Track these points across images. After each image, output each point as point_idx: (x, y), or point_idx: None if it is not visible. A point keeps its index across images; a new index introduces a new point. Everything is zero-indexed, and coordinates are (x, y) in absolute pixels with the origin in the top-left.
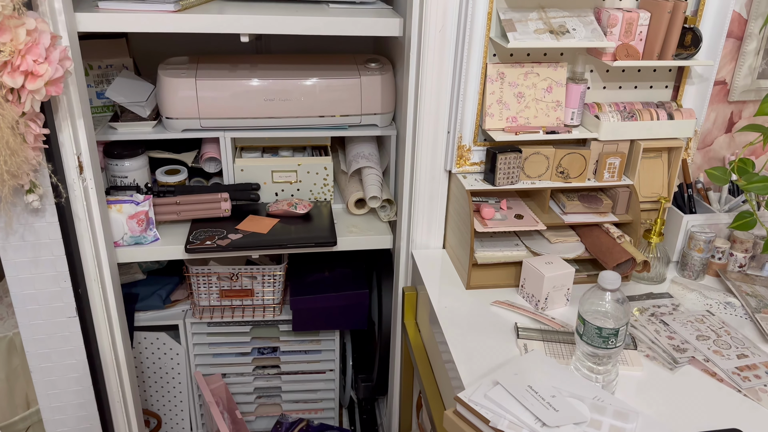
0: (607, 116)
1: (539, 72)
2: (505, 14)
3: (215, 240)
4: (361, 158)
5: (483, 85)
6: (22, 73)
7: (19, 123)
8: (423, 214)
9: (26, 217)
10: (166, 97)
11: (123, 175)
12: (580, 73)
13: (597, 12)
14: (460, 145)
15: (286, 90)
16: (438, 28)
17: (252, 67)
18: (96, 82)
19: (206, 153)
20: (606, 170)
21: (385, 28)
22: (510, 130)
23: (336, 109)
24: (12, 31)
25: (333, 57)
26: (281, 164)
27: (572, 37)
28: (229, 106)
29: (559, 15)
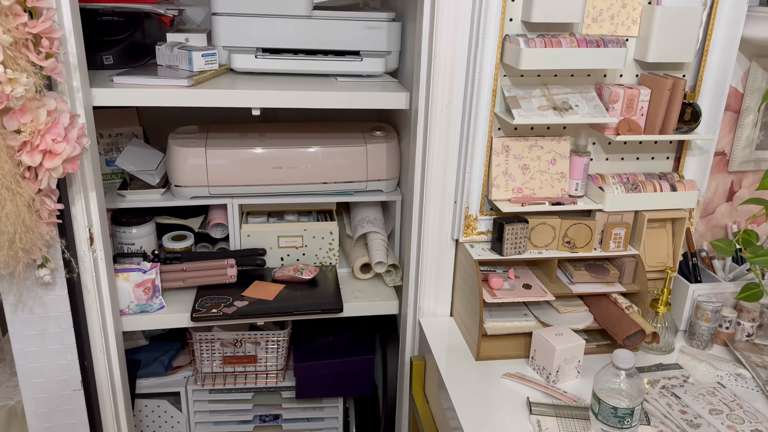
0: (611, 188)
1: (543, 145)
2: (510, 91)
3: (221, 308)
4: (366, 223)
5: (489, 157)
6: (40, 152)
7: (35, 200)
8: (430, 282)
9: (36, 290)
10: (176, 166)
11: (130, 242)
12: (583, 146)
13: (598, 88)
14: (467, 215)
15: (293, 158)
16: (444, 104)
17: (261, 136)
18: (106, 150)
19: (213, 219)
20: (612, 240)
21: (392, 102)
22: (516, 201)
23: (342, 176)
24: (33, 112)
25: (339, 125)
26: (287, 229)
27: (575, 113)
28: (238, 174)
29: (561, 92)
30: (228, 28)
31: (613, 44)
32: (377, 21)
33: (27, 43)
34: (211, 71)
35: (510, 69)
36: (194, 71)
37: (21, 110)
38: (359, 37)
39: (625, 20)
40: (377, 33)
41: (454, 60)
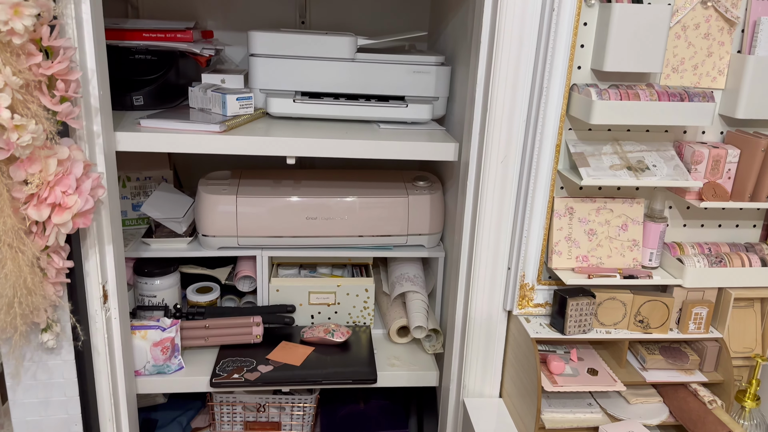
0: (691, 260)
1: (613, 208)
2: (576, 147)
3: (243, 372)
4: (405, 281)
5: (549, 220)
6: (48, 206)
7: (41, 258)
8: (477, 356)
9: (40, 354)
10: (205, 215)
11: (152, 294)
12: (659, 210)
13: (678, 146)
14: (523, 284)
15: (329, 208)
16: (500, 159)
17: (295, 184)
18: (133, 194)
19: (241, 271)
20: (691, 321)
21: (439, 153)
22: (581, 272)
23: (381, 229)
24: (42, 162)
25: (379, 173)
26: (319, 285)
27: (653, 174)
28: (270, 224)
29: (636, 149)
30: (266, 70)
31: (699, 98)
32: (425, 65)
33: (40, 85)
34: (245, 116)
35: (577, 122)
36: (227, 116)
37: (29, 159)
38: (405, 82)
39: (710, 71)
40: (425, 77)
41: (513, 110)
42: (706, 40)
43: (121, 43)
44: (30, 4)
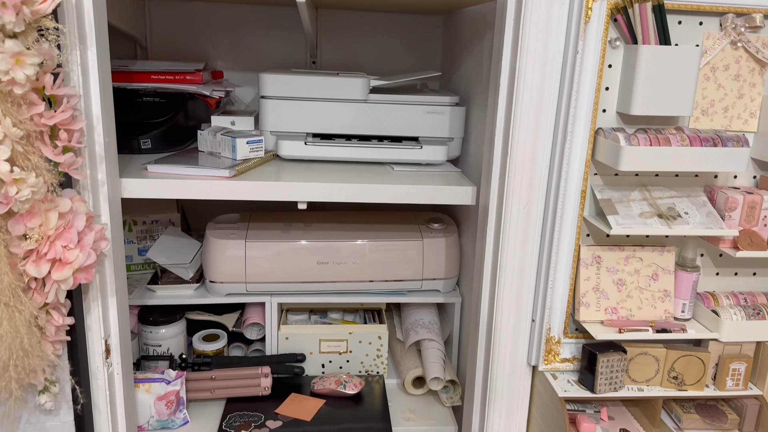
0: (727, 312)
1: (642, 256)
2: (603, 193)
3: (251, 429)
4: (420, 327)
5: (575, 269)
6: (48, 261)
7: (39, 316)
8: (499, 415)
9: (37, 416)
10: (213, 260)
11: (157, 343)
12: (691, 259)
13: (709, 192)
14: (549, 337)
15: (340, 252)
16: (522, 205)
17: (306, 227)
18: (139, 238)
19: (249, 318)
20: (729, 377)
21: (456, 197)
22: (611, 325)
23: (395, 273)
24: (42, 216)
25: (392, 215)
26: (330, 332)
27: (685, 222)
28: (280, 269)
29: (665, 195)
30: (277, 112)
31: (733, 142)
32: (439, 105)
33: (42, 135)
34: (256, 159)
35: (602, 167)
36: (237, 160)
37: (28, 213)
38: (419, 123)
39: (741, 113)
40: (439, 118)
41: (535, 154)
42: (736, 82)
43: (128, 85)
44: (32, 53)
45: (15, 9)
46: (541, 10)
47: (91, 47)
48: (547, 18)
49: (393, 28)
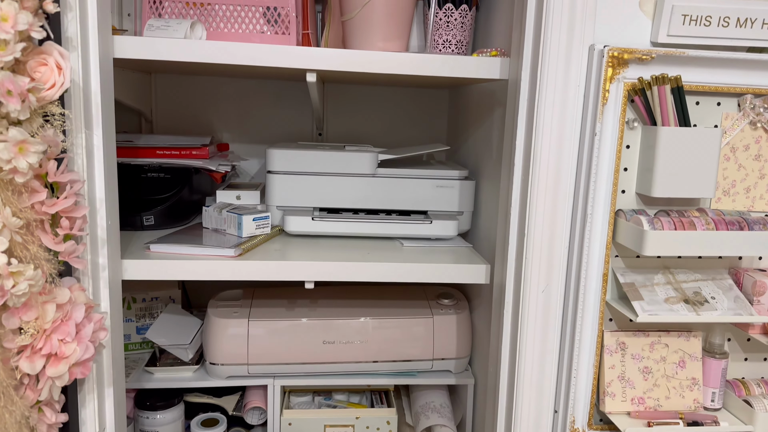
0: (761, 403)
1: (668, 342)
2: (625, 276)
3: None
4: (431, 411)
5: (599, 356)
6: (43, 356)
7: (31, 416)
8: None
9: None
10: (214, 341)
11: (153, 429)
12: (719, 345)
13: (735, 274)
14: (573, 430)
15: (347, 331)
16: (541, 288)
17: (311, 303)
18: (138, 316)
19: (250, 402)
20: None
21: (469, 276)
22: (639, 417)
23: (404, 353)
24: (39, 308)
25: (400, 290)
26: (336, 417)
27: (713, 308)
28: (283, 350)
29: (690, 278)
30: (284, 188)
31: (759, 226)
32: (448, 179)
33: (42, 224)
34: (261, 236)
35: (623, 249)
36: (243, 237)
37: (25, 306)
38: (428, 197)
39: (764, 193)
40: (448, 192)
41: (554, 236)
42: (757, 162)
43: (133, 160)
44: (37, 141)
45: (21, 97)
46: (557, 92)
47: (97, 129)
48: (562, 100)
49: (399, 100)
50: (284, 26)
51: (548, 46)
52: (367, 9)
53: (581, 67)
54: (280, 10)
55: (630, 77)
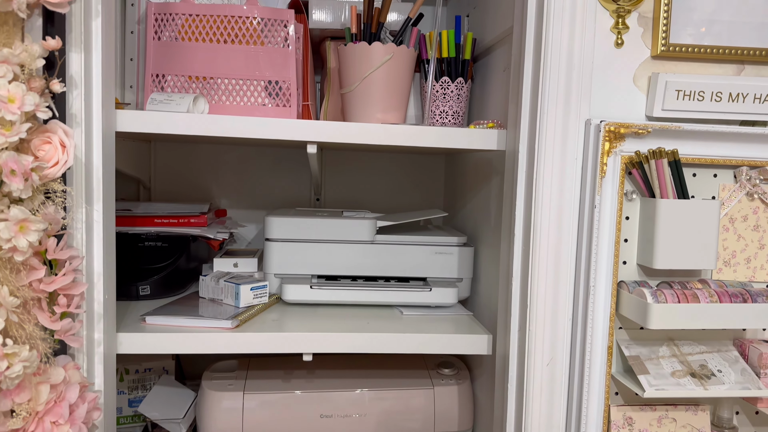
0: None
1: (676, 417)
2: (630, 349)
3: None
4: None
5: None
6: None
7: None
8: None
9: None
10: (207, 415)
11: None
12: (728, 419)
13: (740, 346)
14: None
15: (345, 405)
16: (546, 361)
17: (309, 374)
18: (131, 388)
19: None
20: None
21: (470, 346)
22: None
23: (404, 426)
24: (33, 390)
25: (399, 359)
26: None
27: (720, 382)
28: (280, 425)
29: (695, 351)
30: (282, 256)
31: (762, 298)
32: (447, 246)
33: (39, 302)
34: (259, 305)
35: (627, 321)
36: (240, 307)
37: (18, 387)
38: (427, 263)
39: (764, 263)
40: (447, 259)
41: (557, 308)
42: (756, 232)
43: (131, 229)
44: (38, 220)
45: (24, 176)
46: (555, 165)
47: (98, 204)
48: (561, 172)
49: (396, 165)
50: (285, 99)
51: (545, 120)
52: (366, 82)
53: (578, 140)
54: (281, 83)
55: (627, 150)
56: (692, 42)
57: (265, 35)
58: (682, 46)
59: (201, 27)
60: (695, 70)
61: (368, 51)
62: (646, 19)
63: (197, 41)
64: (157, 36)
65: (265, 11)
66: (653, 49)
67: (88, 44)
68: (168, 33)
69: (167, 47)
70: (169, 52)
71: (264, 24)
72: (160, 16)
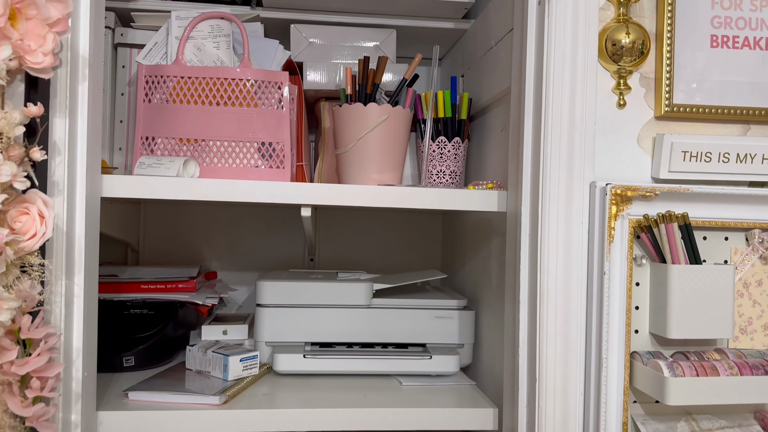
0: None
1: None
2: (646, 425)
3: None
4: None
5: None
6: None
7: None
8: None
9: None
10: None
11: None
12: None
13: (761, 419)
14: None
15: None
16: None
17: None
18: None
19: None
20: None
21: (474, 422)
22: None
23: None
24: None
25: None
26: None
27: None
28: None
29: (715, 426)
30: (274, 322)
31: None
32: (447, 309)
33: (11, 386)
34: (249, 378)
35: (641, 394)
36: (229, 380)
37: None
38: (426, 328)
39: None
40: (447, 323)
41: (567, 381)
42: None
43: (116, 296)
44: (11, 298)
45: None
46: (560, 229)
47: (79, 275)
48: (566, 236)
49: (391, 224)
50: (279, 161)
51: (548, 182)
52: (361, 143)
53: (583, 203)
54: (275, 145)
55: (635, 214)
56: (696, 102)
57: (258, 97)
58: (686, 107)
59: (193, 89)
60: (700, 130)
61: (364, 112)
62: (648, 80)
63: (188, 104)
64: (147, 98)
65: (259, 73)
66: (657, 110)
67: (74, 109)
68: (159, 95)
69: (158, 109)
70: (159, 114)
71: (257, 86)
72: (151, 79)
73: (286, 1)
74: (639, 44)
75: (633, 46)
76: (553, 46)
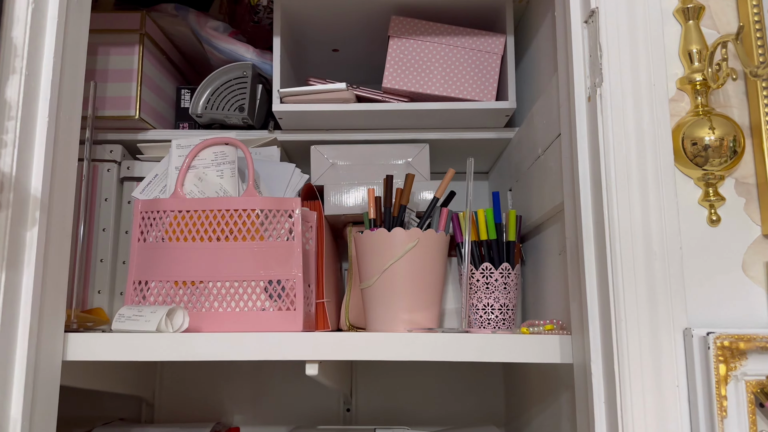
0: None
1: None
2: None
3: None
4: None
5: None
6: None
7: None
8: None
9: None
10: None
11: None
12: None
13: None
14: None
15: None
16: None
17: None
18: None
19: None
20: None
21: None
22: None
23: None
24: None
25: None
26: None
27: None
28: None
29: None
30: None
31: None
32: None
33: None
34: None
35: None
36: None
37: None
38: None
39: None
40: None
41: None
42: None
43: None
44: None
45: None
46: (647, 397)
47: None
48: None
49: (442, 366)
50: (289, 301)
51: (623, 329)
52: (387, 276)
53: (677, 358)
54: (284, 282)
55: (753, 373)
56: None
57: (265, 228)
58: None
59: (191, 224)
60: None
61: (388, 238)
62: (747, 186)
63: (186, 241)
64: (143, 237)
65: (266, 202)
66: (765, 226)
67: (14, 262)
68: (155, 233)
69: (153, 249)
70: (154, 254)
71: (264, 216)
72: (147, 215)
73: (306, 123)
74: (729, 141)
75: (721, 145)
76: (611, 150)
